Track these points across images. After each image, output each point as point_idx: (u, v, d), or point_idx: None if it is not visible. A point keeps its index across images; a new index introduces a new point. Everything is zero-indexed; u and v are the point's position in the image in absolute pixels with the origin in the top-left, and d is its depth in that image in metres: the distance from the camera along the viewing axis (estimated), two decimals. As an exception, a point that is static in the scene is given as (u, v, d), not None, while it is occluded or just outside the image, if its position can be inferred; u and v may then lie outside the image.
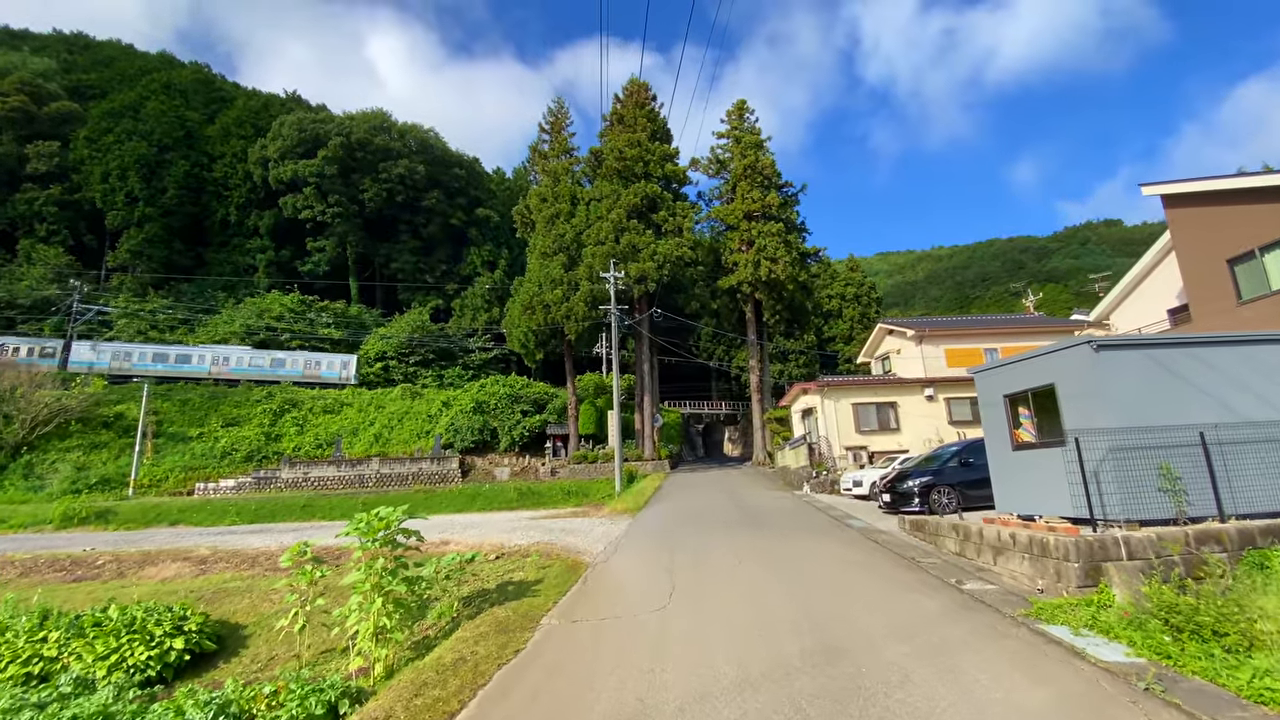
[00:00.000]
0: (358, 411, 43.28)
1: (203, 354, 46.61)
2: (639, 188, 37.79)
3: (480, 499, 31.12)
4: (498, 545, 11.44)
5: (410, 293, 60.11)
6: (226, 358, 46.72)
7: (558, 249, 38.69)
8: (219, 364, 46.22)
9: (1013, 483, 9.19)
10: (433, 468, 35.68)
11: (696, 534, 12.11)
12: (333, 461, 35.75)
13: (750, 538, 11.37)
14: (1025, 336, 27.72)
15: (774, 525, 13.00)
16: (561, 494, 31.48)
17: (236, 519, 28.77)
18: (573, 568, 9.37)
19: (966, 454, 13.49)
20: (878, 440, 22.46)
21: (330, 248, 58.02)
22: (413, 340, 53.40)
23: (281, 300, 53.51)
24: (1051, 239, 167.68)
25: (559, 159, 42.62)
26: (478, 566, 9.79)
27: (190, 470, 36.18)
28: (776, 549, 10.04)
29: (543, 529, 13.82)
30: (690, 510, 16.62)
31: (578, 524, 14.87)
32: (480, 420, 40.57)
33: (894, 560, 9.01)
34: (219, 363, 46.28)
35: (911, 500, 13.13)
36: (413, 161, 59.35)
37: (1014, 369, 9.29)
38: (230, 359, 46.67)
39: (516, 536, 12.62)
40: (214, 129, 64.84)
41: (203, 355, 46.52)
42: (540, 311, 37.32)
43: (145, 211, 55.98)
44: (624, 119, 41.22)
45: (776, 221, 39.29)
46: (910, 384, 23.33)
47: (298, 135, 57.05)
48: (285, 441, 39.68)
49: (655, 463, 36.46)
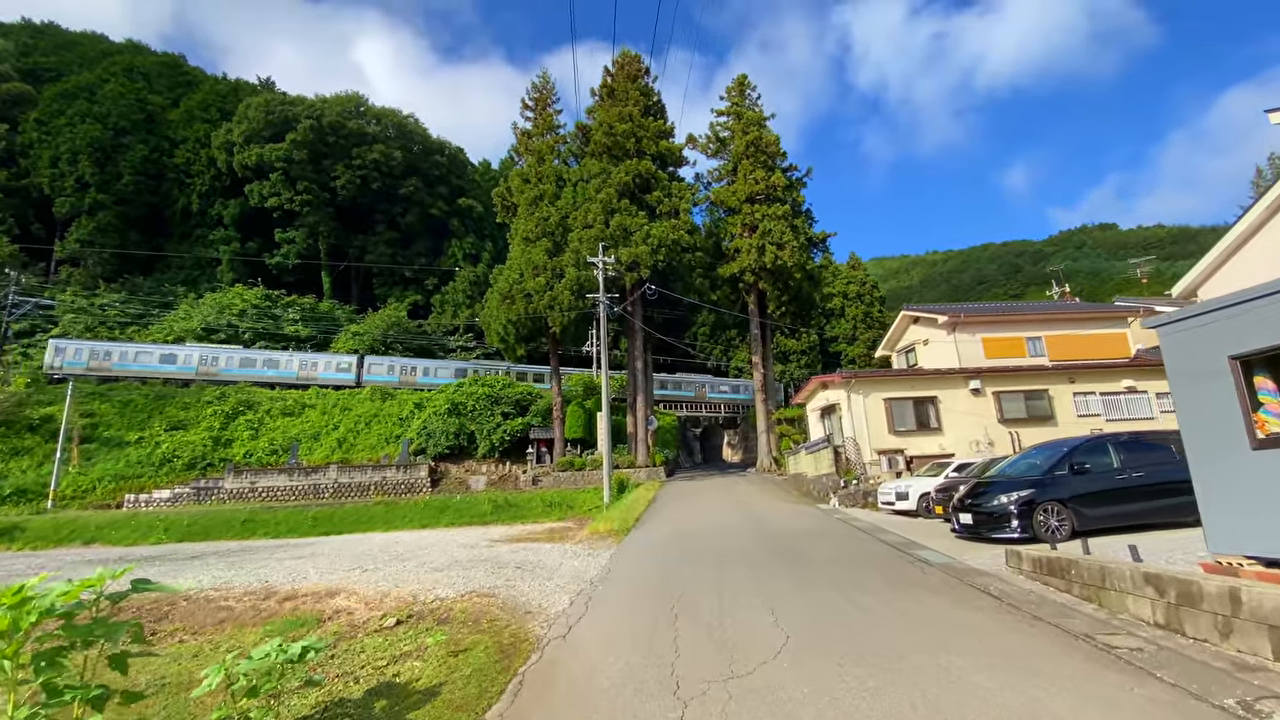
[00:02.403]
0: (321, 414, 39.23)
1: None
2: (631, 165, 34.14)
3: (449, 512, 27.23)
4: (407, 600, 7.58)
5: (387, 287, 56.12)
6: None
7: (541, 233, 34.92)
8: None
9: (1248, 503, 5.49)
10: (399, 476, 31.71)
11: (707, 575, 8.32)
12: (285, 469, 31.70)
13: (792, 585, 7.57)
14: (1071, 324, 24.23)
15: (816, 560, 9.20)
16: (542, 506, 27.65)
17: (164, 537, 24.78)
18: (506, 652, 5.51)
19: (1079, 456, 9.78)
20: (915, 442, 18.76)
21: (300, 239, 53.97)
22: (388, 337, 49.42)
23: (244, 295, 49.38)
24: (1046, 243, 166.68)
25: (543, 137, 38.90)
26: (355, 646, 5.89)
27: (123, 479, 32.02)
28: (847, 614, 6.22)
29: (491, 564, 9.96)
30: (694, 532, 12.80)
31: (545, 554, 11.00)
32: (456, 423, 36.64)
33: (1062, 643, 5.24)
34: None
35: (1007, 523, 9.39)
36: (389, 147, 55.43)
37: (1252, 313, 5.54)
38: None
39: (447, 580, 8.75)
40: (177, 113, 60.75)
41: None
42: (521, 301, 33.50)
43: (97, 198, 51.76)
44: (614, 92, 37.60)
45: (782, 204, 35.68)
46: (952, 375, 19.67)
47: (265, 118, 53.08)
48: (237, 447, 35.60)
49: (649, 470, 32.64)
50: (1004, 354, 22.91)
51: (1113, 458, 9.89)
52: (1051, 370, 19.71)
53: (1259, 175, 44.57)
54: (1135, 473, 9.73)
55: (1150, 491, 9.70)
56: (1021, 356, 23.12)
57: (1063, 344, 23.44)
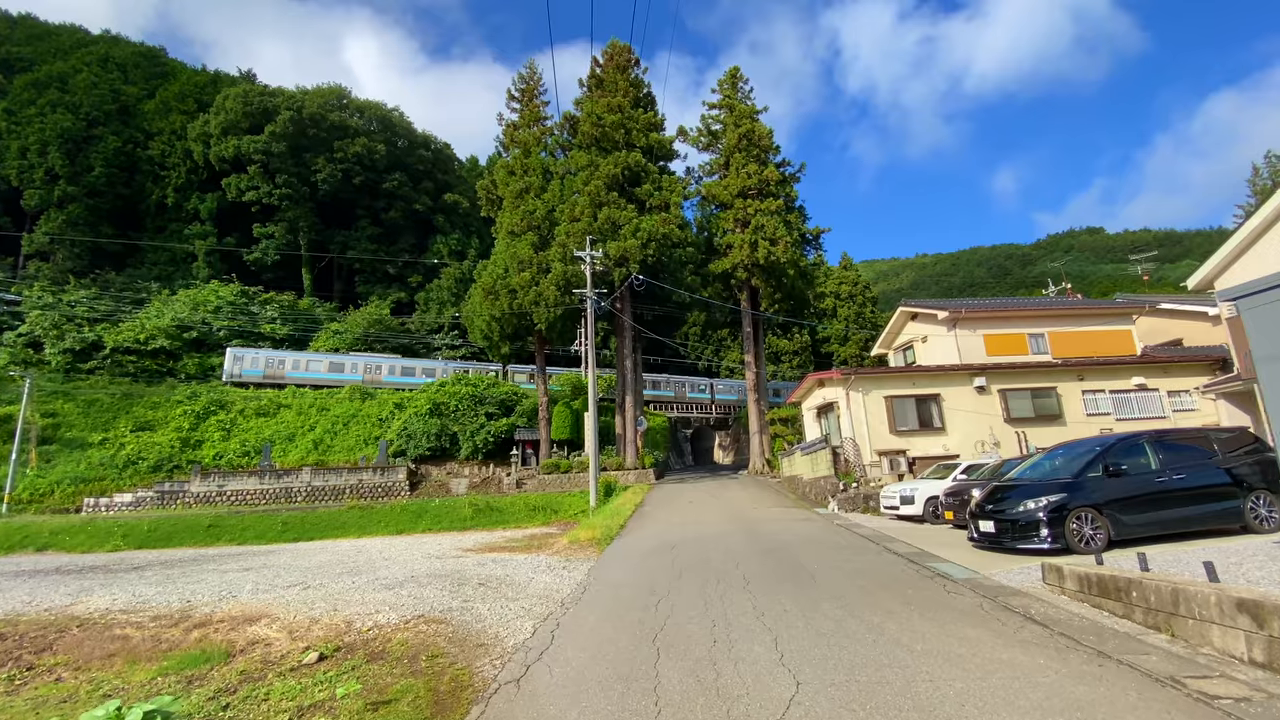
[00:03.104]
0: (297, 414, 37.73)
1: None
2: (619, 157, 33.00)
3: (427, 517, 25.94)
4: (340, 628, 6.36)
5: (369, 285, 54.57)
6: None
7: (527, 227, 33.71)
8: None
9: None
10: (375, 479, 30.31)
11: (696, 595, 7.18)
12: (256, 472, 30.21)
13: (796, 608, 6.45)
14: (1076, 321, 23.34)
15: (822, 575, 8.08)
16: (526, 510, 26.43)
17: (122, 543, 23.37)
18: (442, 704, 4.35)
19: (1114, 457, 8.73)
20: (918, 443, 17.73)
21: (279, 234, 52.33)
22: (369, 336, 47.96)
23: (219, 291, 47.69)
24: (1034, 247, 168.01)
25: (529, 129, 37.67)
26: (259, 691, 4.70)
27: (84, 482, 30.43)
28: (868, 650, 5.09)
29: (452, 580, 8.75)
30: (683, 541, 11.66)
31: (515, 567, 9.81)
32: (437, 424, 35.28)
33: (1149, 692, 4.14)
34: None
35: (1035, 532, 8.33)
36: (372, 140, 53.94)
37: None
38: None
39: (395, 600, 7.55)
40: (152, 104, 58.84)
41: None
42: (505, 297, 32.26)
43: (67, 190, 49.89)
44: (603, 83, 36.49)
45: (775, 199, 34.71)
46: (956, 372, 18.67)
47: (243, 109, 51.44)
48: (207, 449, 34.07)
49: (638, 472, 31.47)
50: (1006, 351, 21.98)
51: (1150, 458, 8.86)
52: (1059, 367, 18.77)
53: (1255, 173, 44.32)
54: (1176, 474, 8.70)
55: (1192, 495, 8.69)
56: (1024, 354, 22.21)
57: (1067, 341, 22.55)
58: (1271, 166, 43.29)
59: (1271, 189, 40.82)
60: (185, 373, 43.63)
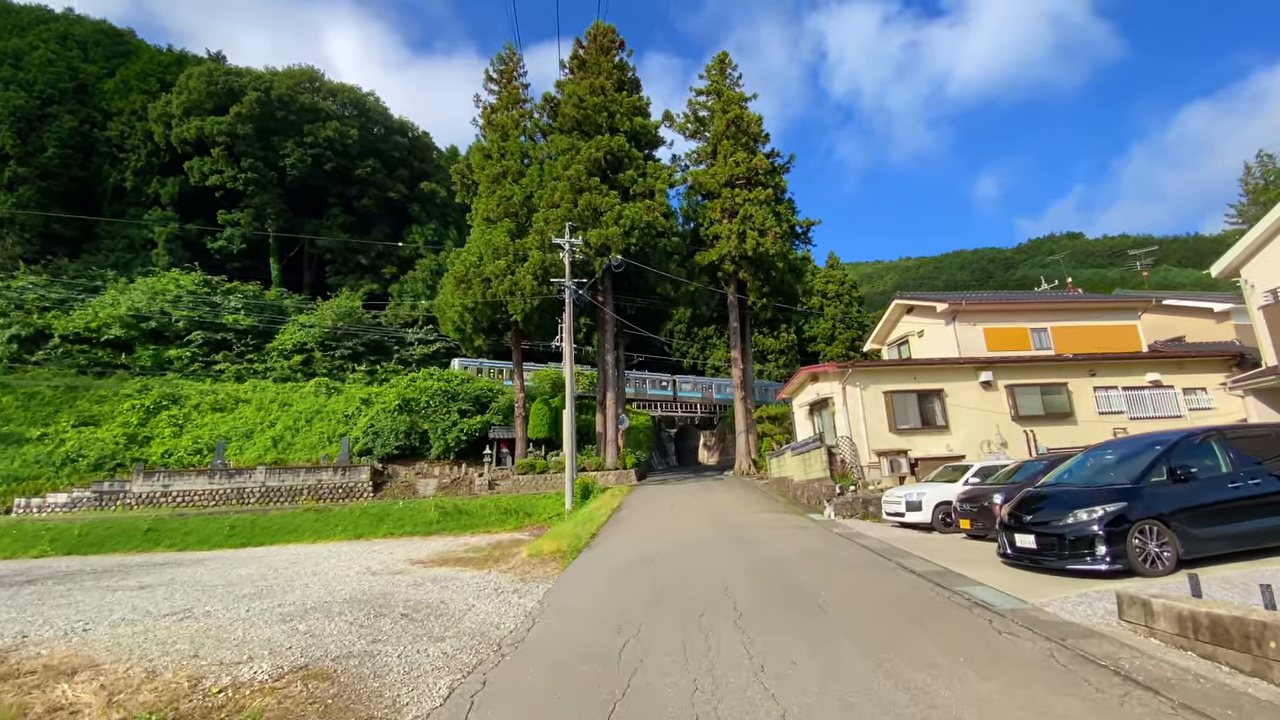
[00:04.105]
0: (256, 410, 35.50)
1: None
2: (602, 141, 31.31)
3: (389, 520, 24.08)
4: (183, 687, 4.61)
5: (341, 276, 52.19)
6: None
7: (504, 213, 31.87)
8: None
9: None
10: (336, 479, 28.29)
11: (675, 635, 5.57)
12: (207, 471, 28.04)
13: (808, 655, 4.89)
14: (1080, 315, 22.18)
15: (831, 603, 6.50)
16: (496, 513, 24.69)
17: (49, 548, 21.34)
18: None
19: (1180, 457, 7.27)
20: (920, 442, 16.30)
21: (245, 221, 49.77)
22: (339, 329, 45.66)
23: (180, 280, 45.15)
24: (1016, 251, 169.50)
25: (508, 111, 35.82)
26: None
27: (16, 481, 28.05)
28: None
29: (371, 608, 7.02)
30: (661, 554, 10.04)
31: (458, 588, 8.11)
32: (407, 421, 33.29)
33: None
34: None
35: (1089, 550, 6.82)
36: (345, 124, 51.55)
37: None
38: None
39: (284, 640, 5.80)
40: (112, 83, 55.81)
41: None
42: (478, 286, 30.42)
43: (18, 172, 47.01)
44: (585, 65, 34.77)
45: (764, 188, 33.23)
46: (960, 366, 17.27)
47: (207, 89, 48.84)
48: (155, 445, 31.76)
49: (619, 472, 29.82)
50: (1008, 347, 20.71)
51: (1220, 459, 7.42)
52: (1070, 362, 17.46)
53: (1248, 172, 43.94)
54: (1251, 479, 7.26)
55: (1269, 505, 7.25)
56: (1026, 349, 20.96)
57: (1071, 336, 21.34)
58: (1263, 165, 42.93)
59: (1264, 187, 40.51)
60: (140, 365, 41.11)
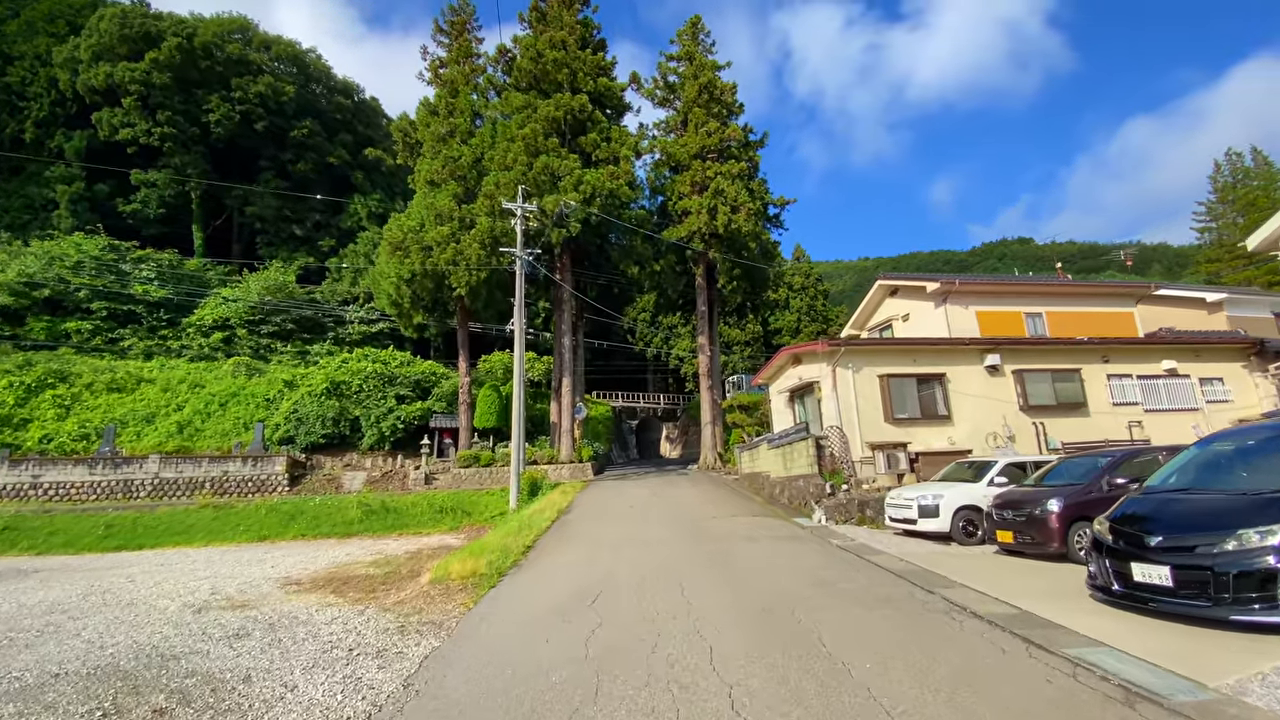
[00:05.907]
0: (162, 391, 31.20)
1: None
2: (563, 99, 28.24)
3: (302, 520, 20.65)
4: None
5: (274, 247, 47.46)
6: None
7: (449, 176, 28.55)
8: None
9: None
10: (245, 471, 24.62)
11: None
12: (89, 460, 23.95)
13: None
14: (1076, 300, 20.53)
15: (878, 688, 3.86)
16: (430, 512, 21.51)
17: None
18: None
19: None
20: (919, 434, 14.06)
21: (163, 182, 44.55)
22: (267, 304, 41.26)
23: (82, 245, 39.91)
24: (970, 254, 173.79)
25: (458, 65, 32.33)
26: None
27: None
28: None
29: (125, 687, 4.03)
30: (611, 586, 7.33)
31: (298, 643, 5.17)
32: (335, 406, 29.68)
33: None
34: None
35: (1272, 592, 4.40)
36: (279, 80, 46.74)
37: None
38: None
39: None
40: (16, 24, 49.46)
41: None
42: (418, 254, 27.04)
43: (-112, 116, 40.73)
44: (546, 17, 31.54)
45: (738, 161, 30.86)
46: (963, 347, 15.11)
47: (120, 31, 43.34)
48: (34, 429, 27.33)
49: (574, 466, 27.02)
50: (1000, 332, 18.83)
51: None
52: (1084, 345, 15.53)
53: (1217, 169, 44.07)
54: None
55: None
56: (1020, 335, 19.13)
57: (1066, 322, 19.63)
58: (1232, 163, 43.08)
59: (1233, 185, 40.60)
60: (31, 339, 36.03)
